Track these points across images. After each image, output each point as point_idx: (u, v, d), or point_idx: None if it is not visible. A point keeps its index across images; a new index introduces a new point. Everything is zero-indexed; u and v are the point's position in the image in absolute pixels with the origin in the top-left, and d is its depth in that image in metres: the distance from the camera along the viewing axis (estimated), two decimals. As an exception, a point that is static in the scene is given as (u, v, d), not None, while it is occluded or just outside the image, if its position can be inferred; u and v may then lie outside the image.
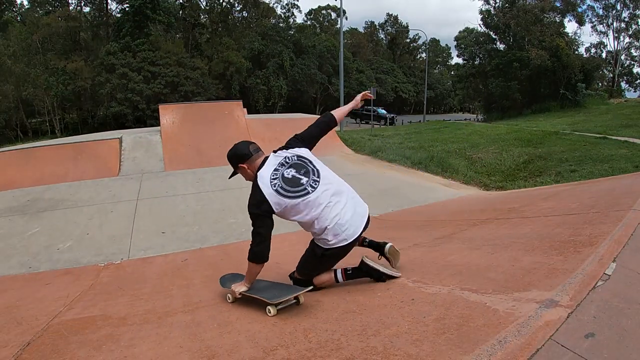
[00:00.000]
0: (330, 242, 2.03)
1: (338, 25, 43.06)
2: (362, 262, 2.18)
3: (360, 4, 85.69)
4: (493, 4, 29.22)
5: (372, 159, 9.09)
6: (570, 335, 1.34)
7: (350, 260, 2.24)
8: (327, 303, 2.03)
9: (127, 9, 33.79)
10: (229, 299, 2.20)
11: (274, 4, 43.13)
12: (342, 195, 2.08)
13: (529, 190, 5.84)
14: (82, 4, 35.81)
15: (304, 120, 10.88)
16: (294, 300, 2.00)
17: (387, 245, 2.29)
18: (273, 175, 2.02)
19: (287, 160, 2.10)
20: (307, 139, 2.27)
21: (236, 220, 4.72)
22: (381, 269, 2.18)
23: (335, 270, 2.22)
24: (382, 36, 58.64)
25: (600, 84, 31.20)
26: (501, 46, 29.67)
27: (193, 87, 32.33)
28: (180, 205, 5.30)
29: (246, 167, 2.13)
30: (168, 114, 8.97)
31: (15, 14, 35.26)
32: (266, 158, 2.13)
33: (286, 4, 44.40)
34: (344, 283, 2.23)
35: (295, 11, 49.79)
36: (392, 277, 2.18)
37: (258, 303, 2.07)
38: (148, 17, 32.33)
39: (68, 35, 33.29)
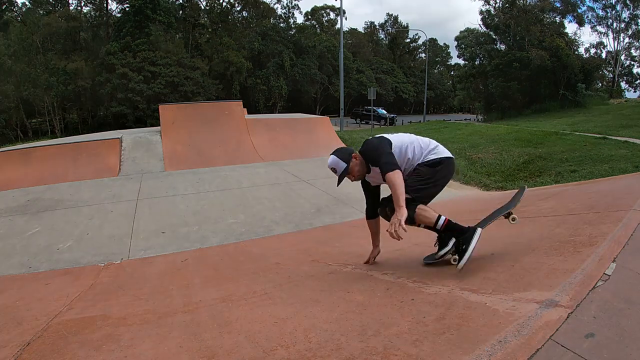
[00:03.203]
0: None
1: (338, 25, 43.12)
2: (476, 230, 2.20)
3: (369, 3, 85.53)
4: (493, 4, 29.24)
5: (372, 159, 9.08)
6: (570, 335, 1.34)
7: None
8: (327, 303, 2.03)
9: (127, 9, 33.81)
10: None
11: (274, 4, 43.21)
12: None
13: (529, 190, 5.82)
14: (82, 4, 35.87)
15: (304, 120, 10.88)
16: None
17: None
18: None
19: None
20: None
21: (236, 220, 4.72)
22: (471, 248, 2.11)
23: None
24: (382, 36, 58.66)
25: (600, 84, 31.17)
26: (501, 46, 29.68)
27: (193, 87, 32.33)
28: (180, 205, 5.30)
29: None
30: (168, 114, 8.96)
31: (16, 14, 35.26)
32: None
33: (286, 5, 44.47)
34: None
35: (295, 12, 49.97)
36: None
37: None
38: (148, 17, 32.33)
39: (68, 35, 33.29)
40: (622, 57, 31.69)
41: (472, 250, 2.10)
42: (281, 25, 43.00)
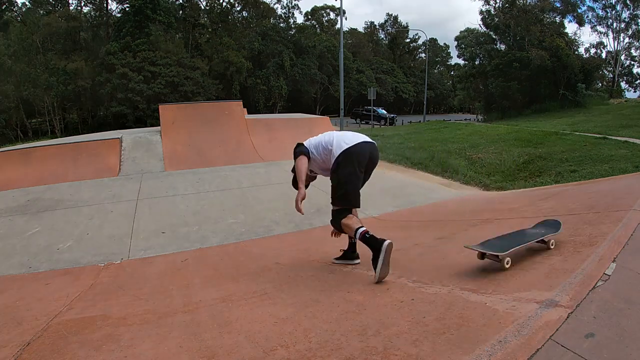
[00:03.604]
0: None
1: (338, 26, 43.13)
2: (383, 242, 2.20)
3: (369, 3, 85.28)
4: (493, 4, 29.26)
5: (372, 159, 9.07)
6: (570, 335, 1.34)
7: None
8: (327, 303, 2.03)
9: (127, 9, 33.82)
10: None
11: (274, 4, 43.23)
12: None
13: (529, 190, 5.83)
14: (82, 4, 35.87)
15: (304, 121, 10.88)
16: None
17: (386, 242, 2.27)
18: None
19: None
20: None
21: (236, 220, 4.72)
22: (381, 259, 2.18)
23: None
24: (382, 36, 58.64)
25: (600, 84, 31.17)
26: (501, 46, 29.69)
27: (193, 87, 32.34)
28: (180, 205, 5.30)
29: None
30: (168, 114, 8.96)
31: (16, 14, 35.26)
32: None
33: (286, 5, 44.47)
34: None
35: (295, 12, 50.01)
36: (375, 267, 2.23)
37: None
38: (148, 17, 32.34)
39: (68, 35, 33.30)
40: (622, 57, 31.70)
41: (379, 267, 2.17)
42: (281, 25, 43.00)
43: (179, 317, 2.10)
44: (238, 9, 41.71)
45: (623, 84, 33.23)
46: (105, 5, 36.35)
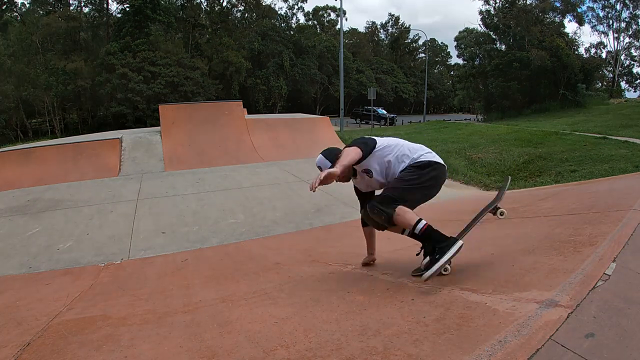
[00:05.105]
0: None
1: (338, 26, 43.13)
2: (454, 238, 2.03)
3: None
4: (493, 4, 29.27)
5: (372, 159, 9.08)
6: (570, 335, 1.34)
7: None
8: (327, 303, 2.03)
9: (127, 9, 33.81)
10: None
11: (277, 3, 43.32)
12: None
13: (529, 190, 5.83)
14: (82, 4, 35.84)
15: (304, 120, 10.87)
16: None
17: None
18: None
19: None
20: None
21: (236, 220, 4.72)
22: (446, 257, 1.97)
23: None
24: (382, 36, 58.62)
25: (600, 84, 31.17)
26: (501, 46, 29.70)
27: (193, 87, 32.32)
28: (180, 205, 5.30)
29: None
30: (168, 114, 8.96)
31: (16, 14, 35.23)
32: None
33: (292, 5, 44.49)
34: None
35: (299, 12, 50.08)
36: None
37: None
38: (148, 17, 32.33)
39: (68, 35, 33.25)
40: (622, 57, 31.70)
41: (443, 263, 1.96)
42: (282, 25, 43.01)
43: (179, 317, 2.10)
44: (241, 9, 41.69)
45: (623, 84, 33.28)
46: (105, 5, 36.34)
